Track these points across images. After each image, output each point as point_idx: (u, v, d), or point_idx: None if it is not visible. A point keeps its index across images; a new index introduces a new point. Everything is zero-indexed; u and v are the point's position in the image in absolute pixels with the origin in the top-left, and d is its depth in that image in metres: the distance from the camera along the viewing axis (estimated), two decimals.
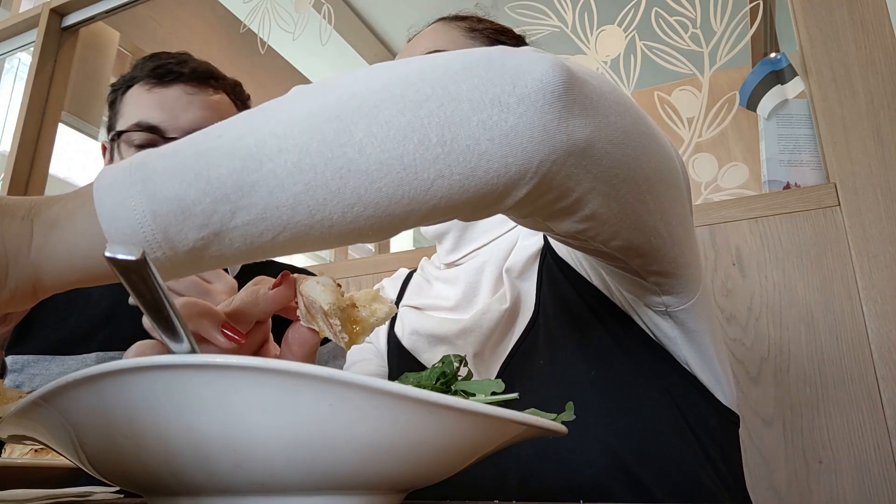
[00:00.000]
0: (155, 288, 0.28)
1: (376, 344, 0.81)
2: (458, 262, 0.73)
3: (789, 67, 1.07)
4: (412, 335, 0.72)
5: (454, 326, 0.67)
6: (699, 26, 1.13)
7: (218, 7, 2.14)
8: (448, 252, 0.74)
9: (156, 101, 0.91)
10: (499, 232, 0.71)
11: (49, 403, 0.25)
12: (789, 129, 1.04)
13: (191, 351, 0.31)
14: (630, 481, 0.51)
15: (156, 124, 0.89)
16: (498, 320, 0.64)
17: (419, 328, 0.71)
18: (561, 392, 0.56)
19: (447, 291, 0.74)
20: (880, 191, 0.87)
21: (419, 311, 0.76)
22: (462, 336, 0.66)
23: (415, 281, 0.83)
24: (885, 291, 0.84)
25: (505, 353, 0.64)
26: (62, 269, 0.32)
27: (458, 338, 0.67)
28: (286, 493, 0.27)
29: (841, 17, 0.95)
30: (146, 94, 0.92)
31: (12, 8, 2.24)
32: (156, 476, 0.26)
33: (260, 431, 0.24)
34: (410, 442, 0.26)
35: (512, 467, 0.56)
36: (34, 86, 1.78)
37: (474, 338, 0.65)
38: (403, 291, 0.83)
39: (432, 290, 0.78)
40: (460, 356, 0.38)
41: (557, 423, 0.32)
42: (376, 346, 0.81)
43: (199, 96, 0.93)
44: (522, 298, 0.64)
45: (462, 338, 0.66)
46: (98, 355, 0.88)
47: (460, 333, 0.66)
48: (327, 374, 0.23)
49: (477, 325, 0.65)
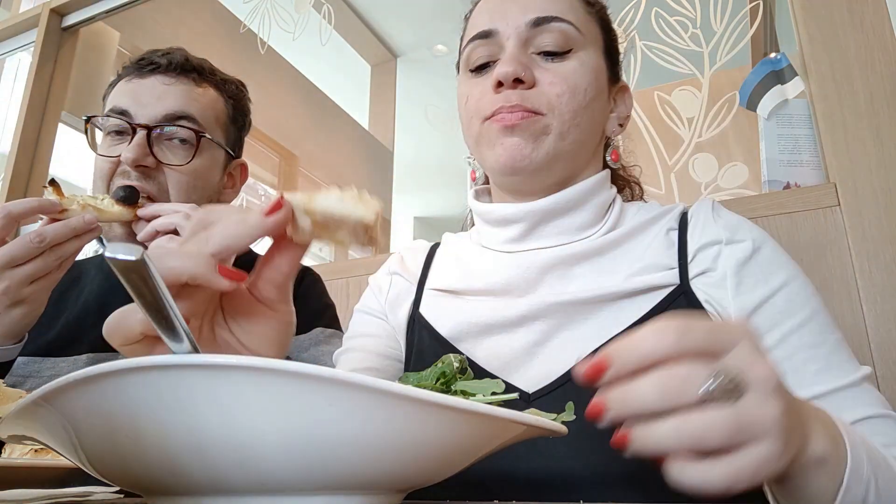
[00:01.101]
0: (155, 288, 0.28)
1: (392, 321, 0.75)
2: (527, 251, 0.68)
3: (789, 67, 1.07)
4: (456, 325, 0.66)
5: (511, 311, 0.63)
6: (699, 26, 1.13)
7: (218, 7, 2.14)
8: (515, 240, 0.69)
9: (131, 89, 0.92)
10: (577, 236, 0.67)
11: (49, 403, 0.25)
12: (789, 129, 1.04)
13: (191, 351, 0.31)
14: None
15: (125, 109, 0.90)
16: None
17: (469, 319, 0.65)
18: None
19: (501, 274, 0.67)
20: (880, 191, 0.87)
21: (455, 295, 0.70)
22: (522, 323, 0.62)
23: (443, 261, 0.76)
24: (885, 291, 0.84)
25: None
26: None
27: (517, 325, 0.63)
28: (286, 493, 0.27)
29: (841, 17, 0.95)
30: (125, 84, 0.93)
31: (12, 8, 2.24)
32: (156, 476, 0.26)
33: (260, 431, 0.24)
34: (410, 442, 0.26)
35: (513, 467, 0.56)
36: (34, 86, 1.78)
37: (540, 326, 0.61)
38: (428, 268, 0.77)
39: (472, 271, 0.71)
40: (460, 356, 0.38)
41: (557, 424, 0.32)
42: (391, 324, 0.75)
43: (175, 86, 0.92)
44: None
45: (522, 325, 0.62)
46: (90, 356, 0.88)
47: (520, 320, 0.62)
48: (327, 374, 0.23)
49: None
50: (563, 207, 0.67)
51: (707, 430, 0.30)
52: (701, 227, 0.65)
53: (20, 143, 1.74)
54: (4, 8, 2.46)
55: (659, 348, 0.32)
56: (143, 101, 0.90)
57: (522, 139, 0.65)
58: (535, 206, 0.67)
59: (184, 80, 0.93)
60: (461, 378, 0.38)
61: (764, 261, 0.60)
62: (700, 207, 0.68)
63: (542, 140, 0.65)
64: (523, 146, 0.64)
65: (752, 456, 0.31)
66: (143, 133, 0.88)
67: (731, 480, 0.30)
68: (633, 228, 0.66)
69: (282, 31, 1.67)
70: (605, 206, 0.69)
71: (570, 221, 0.67)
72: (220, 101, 0.98)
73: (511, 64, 0.64)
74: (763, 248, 0.61)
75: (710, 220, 0.65)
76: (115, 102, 0.91)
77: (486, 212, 0.71)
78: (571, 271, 0.65)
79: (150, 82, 0.92)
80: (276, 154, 2.75)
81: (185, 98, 0.92)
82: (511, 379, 0.59)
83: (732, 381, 0.31)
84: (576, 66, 0.66)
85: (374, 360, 0.72)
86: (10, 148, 1.75)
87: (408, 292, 0.74)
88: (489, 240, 0.72)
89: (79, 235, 0.69)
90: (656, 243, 0.65)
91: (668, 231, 0.66)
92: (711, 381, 0.31)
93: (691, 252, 0.63)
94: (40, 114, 1.80)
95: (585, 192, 0.67)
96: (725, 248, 0.62)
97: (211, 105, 0.96)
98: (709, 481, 0.30)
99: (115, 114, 0.90)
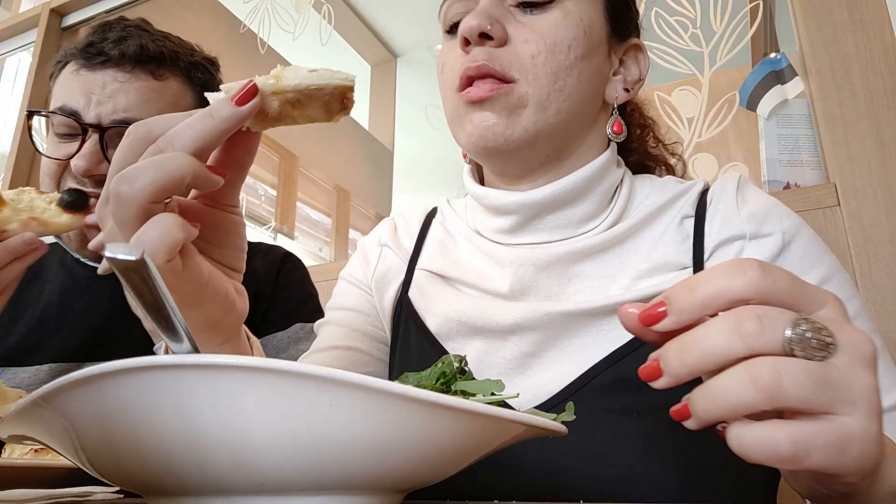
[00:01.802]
0: (155, 288, 0.28)
1: (378, 302, 0.68)
2: (521, 245, 0.60)
3: (789, 67, 1.07)
4: (445, 321, 0.60)
5: (503, 318, 0.56)
6: (699, 26, 1.13)
7: (218, 7, 2.14)
8: (508, 231, 0.61)
9: (80, 84, 0.80)
10: (578, 231, 0.59)
11: (49, 403, 0.25)
12: (789, 129, 1.04)
13: (191, 351, 0.31)
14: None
15: (75, 110, 0.79)
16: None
17: (459, 316, 0.59)
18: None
19: (493, 270, 0.60)
20: (880, 191, 0.87)
21: (446, 281, 0.63)
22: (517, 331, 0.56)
23: (438, 238, 0.68)
24: (885, 291, 0.83)
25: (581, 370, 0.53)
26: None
27: (512, 332, 0.56)
28: (285, 494, 0.27)
29: (841, 17, 0.95)
30: (73, 76, 0.81)
31: (12, 8, 2.24)
32: (155, 476, 0.26)
33: (259, 431, 0.24)
34: (410, 442, 0.26)
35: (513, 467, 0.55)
36: (34, 86, 1.78)
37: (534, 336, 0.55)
38: (421, 243, 0.69)
39: (463, 259, 0.64)
40: (460, 356, 0.38)
41: (557, 424, 0.32)
42: (377, 305, 0.68)
43: (130, 83, 0.80)
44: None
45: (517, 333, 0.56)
46: (51, 367, 0.83)
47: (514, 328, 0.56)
48: (327, 374, 0.23)
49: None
50: (561, 200, 0.58)
51: (788, 377, 0.24)
52: (722, 216, 0.56)
53: (20, 143, 1.74)
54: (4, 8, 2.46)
55: (736, 286, 0.26)
56: (93, 99, 0.79)
57: (494, 114, 0.55)
58: (529, 197, 0.58)
59: (140, 75, 0.81)
60: (461, 378, 0.38)
61: (795, 258, 0.52)
62: (723, 188, 0.58)
63: (518, 114, 0.55)
64: (495, 122, 0.55)
65: (835, 426, 0.25)
66: (95, 137, 0.77)
67: (800, 447, 0.24)
68: (642, 220, 0.58)
69: (282, 31, 1.66)
70: (610, 191, 0.60)
71: (569, 214, 0.58)
72: (185, 93, 0.86)
73: (476, 17, 0.55)
74: (794, 243, 0.52)
75: (732, 208, 0.56)
76: (62, 99, 0.80)
77: (479, 196, 0.62)
78: (571, 270, 0.58)
79: (101, 78, 0.80)
80: (275, 154, 2.76)
81: (142, 97, 0.81)
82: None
83: (821, 334, 0.25)
84: (557, 18, 0.56)
85: (359, 339, 0.67)
86: (10, 148, 1.75)
87: (397, 271, 0.68)
88: (482, 226, 0.63)
89: (20, 257, 0.60)
90: (668, 236, 0.57)
91: (683, 219, 0.57)
92: (796, 327, 0.25)
93: (708, 248, 0.55)
94: None
95: (588, 181, 0.58)
96: (749, 245, 0.53)
97: (173, 101, 0.84)
98: (773, 445, 0.24)
99: (64, 113, 0.79)
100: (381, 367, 0.69)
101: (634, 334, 0.29)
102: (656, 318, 0.28)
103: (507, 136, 0.55)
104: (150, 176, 0.34)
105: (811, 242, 0.53)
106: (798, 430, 0.24)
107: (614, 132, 0.61)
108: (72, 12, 1.89)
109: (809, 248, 0.53)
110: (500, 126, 0.55)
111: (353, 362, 0.66)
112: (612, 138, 0.61)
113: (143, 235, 0.34)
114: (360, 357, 0.67)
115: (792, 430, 0.25)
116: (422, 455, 0.27)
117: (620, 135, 0.61)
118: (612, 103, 0.62)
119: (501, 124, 0.55)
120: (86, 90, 0.80)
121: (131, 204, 0.34)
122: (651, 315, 0.28)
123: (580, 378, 0.53)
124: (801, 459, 0.24)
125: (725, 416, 0.26)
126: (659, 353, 0.28)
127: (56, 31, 1.88)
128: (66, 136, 0.81)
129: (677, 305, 0.27)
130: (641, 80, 0.63)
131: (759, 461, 0.25)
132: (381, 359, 0.69)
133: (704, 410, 0.26)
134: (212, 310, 0.41)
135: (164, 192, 0.34)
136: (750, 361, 0.25)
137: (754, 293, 0.26)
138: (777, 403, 0.24)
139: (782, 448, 0.24)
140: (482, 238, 0.63)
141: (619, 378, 0.51)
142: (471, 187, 0.64)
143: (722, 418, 0.26)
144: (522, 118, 0.55)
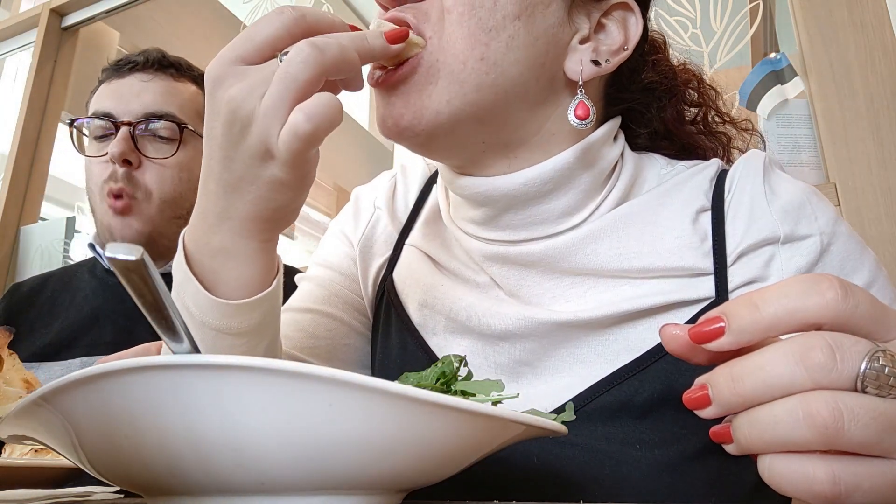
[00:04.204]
0: (155, 288, 0.28)
1: (361, 273, 0.61)
2: (497, 242, 0.50)
3: (789, 67, 1.07)
4: (431, 311, 0.53)
5: (493, 322, 0.49)
6: (699, 26, 1.13)
7: (218, 7, 2.14)
8: (480, 224, 0.51)
9: (112, 90, 0.95)
10: (563, 225, 0.49)
11: (49, 403, 0.25)
12: (789, 129, 1.04)
13: (191, 351, 0.31)
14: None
15: (108, 111, 0.93)
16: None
17: (442, 309, 0.52)
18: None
19: (473, 268, 0.53)
20: (880, 191, 0.87)
21: (432, 262, 0.56)
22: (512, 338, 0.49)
23: (434, 210, 0.59)
24: None
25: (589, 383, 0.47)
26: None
27: (504, 339, 0.49)
28: (286, 493, 0.27)
29: (841, 17, 0.95)
30: (105, 87, 0.96)
31: (12, 8, 2.24)
32: (156, 476, 0.26)
33: (260, 431, 0.24)
34: (410, 442, 0.26)
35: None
36: (34, 86, 1.78)
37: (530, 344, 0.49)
38: (416, 214, 0.61)
39: (447, 243, 0.56)
40: (460, 356, 0.38)
41: (557, 423, 0.32)
42: (359, 272, 0.61)
43: (153, 82, 0.95)
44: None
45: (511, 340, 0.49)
46: (82, 360, 0.89)
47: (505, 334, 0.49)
48: (327, 374, 0.23)
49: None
50: (535, 192, 0.47)
51: (852, 418, 0.21)
52: (747, 212, 0.46)
53: (20, 143, 1.74)
54: (4, 8, 2.46)
55: (810, 309, 0.22)
56: (123, 100, 0.93)
57: (396, 95, 0.44)
58: (495, 188, 0.47)
59: (162, 76, 0.96)
60: (461, 378, 0.38)
61: (834, 263, 0.44)
62: (745, 175, 0.48)
63: (426, 91, 0.43)
64: (399, 104, 0.44)
65: (886, 469, 0.21)
66: (126, 129, 0.91)
67: (842, 488, 0.21)
68: (646, 210, 0.49)
69: None
70: (602, 175, 0.50)
71: (548, 208, 0.48)
72: (200, 95, 0.99)
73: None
74: (834, 245, 0.45)
75: (760, 201, 0.46)
76: (97, 106, 0.94)
77: (447, 179, 0.52)
78: (562, 270, 0.50)
79: (129, 81, 0.95)
80: None
81: (165, 93, 0.95)
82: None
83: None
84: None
85: (339, 306, 0.60)
86: (10, 148, 1.76)
87: (385, 244, 0.60)
88: (455, 212, 0.54)
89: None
90: (680, 232, 0.47)
91: (699, 214, 0.48)
92: (873, 361, 0.21)
93: (732, 253, 0.46)
94: (40, 114, 1.80)
95: (567, 168, 0.47)
96: (783, 251, 0.45)
97: (192, 99, 0.98)
98: (809, 481, 0.21)
99: (99, 116, 0.93)
100: (361, 342, 0.61)
101: (680, 357, 0.26)
102: (711, 335, 0.24)
103: (413, 123, 0.44)
104: (335, 50, 0.34)
105: (849, 242, 0.45)
106: (842, 468, 0.21)
107: (577, 117, 0.46)
108: (72, 12, 1.89)
109: (849, 249, 0.45)
110: (403, 107, 0.44)
111: (329, 331, 0.59)
112: (576, 124, 0.47)
113: (315, 108, 0.33)
114: (339, 327, 0.60)
115: (835, 467, 0.21)
116: (422, 455, 0.27)
117: (586, 119, 0.46)
118: (576, 80, 0.47)
119: (405, 105, 0.44)
120: (117, 94, 0.94)
121: (319, 63, 0.34)
122: (705, 333, 0.24)
123: (579, 397, 0.46)
124: (841, 501, 0.21)
125: (770, 450, 0.23)
126: (707, 378, 0.24)
127: (56, 32, 1.88)
128: (103, 138, 0.94)
129: (737, 324, 0.24)
130: (625, 49, 0.48)
131: (790, 495, 0.22)
132: (361, 332, 0.61)
133: (747, 440, 0.23)
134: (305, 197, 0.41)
135: (338, 70, 0.35)
136: (807, 395, 0.22)
137: (830, 319, 0.22)
138: (834, 446, 0.21)
139: (819, 486, 0.21)
140: (456, 228, 0.54)
141: (623, 403, 0.44)
142: (440, 168, 0.54)
143: (766, 451, 0.23)
144: (434, 96, 0.44)
